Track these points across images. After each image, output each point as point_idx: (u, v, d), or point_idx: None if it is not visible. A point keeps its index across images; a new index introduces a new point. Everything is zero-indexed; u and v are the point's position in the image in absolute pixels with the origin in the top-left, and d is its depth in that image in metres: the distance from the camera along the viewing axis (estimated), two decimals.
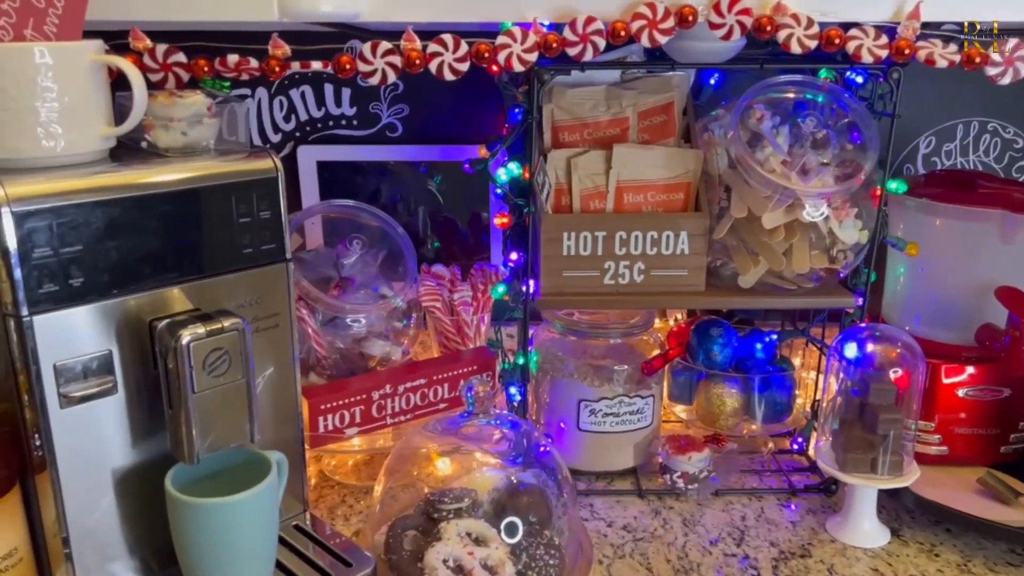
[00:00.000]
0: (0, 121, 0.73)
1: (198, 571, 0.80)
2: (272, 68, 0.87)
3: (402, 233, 1.18)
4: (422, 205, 1.39)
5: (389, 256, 1.23)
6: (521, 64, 0.89)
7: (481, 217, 1.41)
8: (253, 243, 0.87)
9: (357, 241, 1.13)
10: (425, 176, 1.37)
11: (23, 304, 0.72)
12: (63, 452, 0.77)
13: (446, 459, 1.02)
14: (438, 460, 1.02)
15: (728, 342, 1.17)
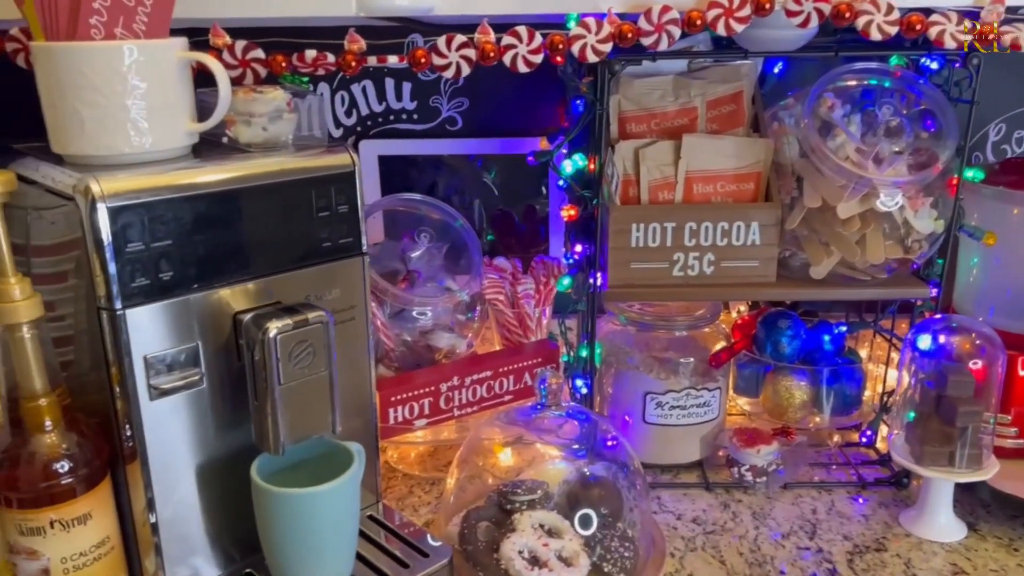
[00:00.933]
0: (92, 118, 0.74)
1: (283, 560, 0.81)
2: (348, 63, 0.88)
3: (466, 227, 1.18)
4: (477, 198, 1.39)
5: (451, 249, 1.23)
6: (595, 55, 0.89)
7: (536, 210, 1.40)
8: (331, 237, 0.87)
9: (425, 234, 1.14)
10: (480, 169, 1.37)
11: (117, 298, 0.74)
12: (152, 443, 0.79)
13: (516, 451, 1.02)
14: (508, 452, 1.02)
15: (796, 334, 1.16)
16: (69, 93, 0.73)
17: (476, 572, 0.91)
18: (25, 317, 0.72)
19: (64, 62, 0.73)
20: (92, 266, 0.73)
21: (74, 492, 0.75)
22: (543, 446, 1.04)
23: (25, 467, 0.74)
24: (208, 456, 0.84)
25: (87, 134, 0.75)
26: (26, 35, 0.87)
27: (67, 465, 0.75)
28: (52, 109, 0.75)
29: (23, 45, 0.88)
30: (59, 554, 0.75)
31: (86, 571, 0.77)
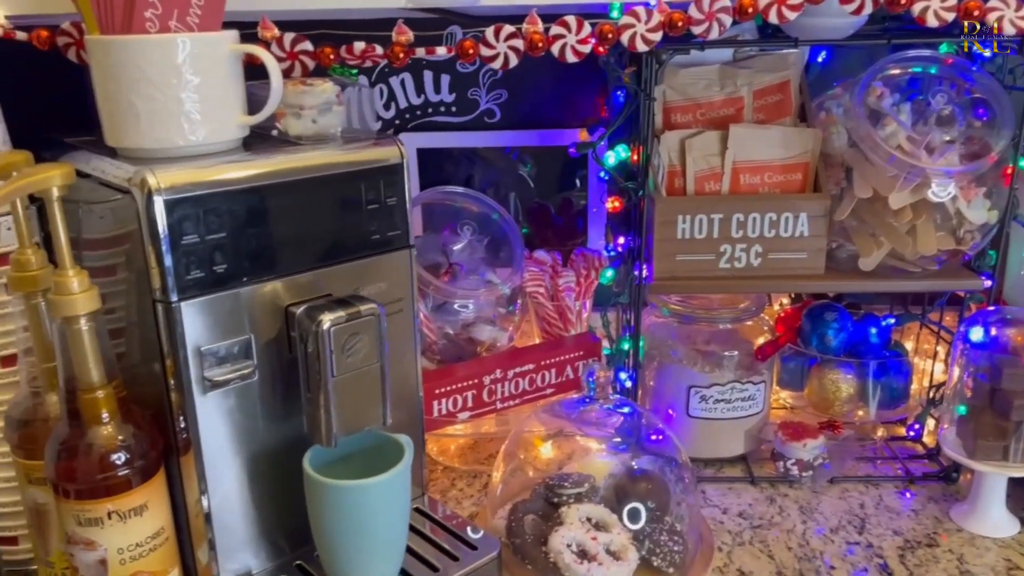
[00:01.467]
0: (147, 111, 0.74)
1: (335, 552, 0.81)
2: (396, 55, 0.87)
3: (508, 220, 1.18)
4: (513, 191, 1.39)
5: (491, 242, 1.23)
6: (645, 44, 0.88)
7: (573, 202, 1.40)
8: (380, 229, 0.87)
9: (468, 227, 1.13)
10: (516, 162, 1.37)
11: (172, 290, 0.74)
12: (205, 435, 0.79)
13: (558, 444, 1.02)
14: (554, 445, 1.02)
15: (843, 327, 1.14)
16: (125, 86, 0.74)
17: (524, 565, 0.91)
18: (83, 309, 0.72)
19: (120, 55, 0.73)
20: (148, 258, 0.74)
21: (130, 483, 0.76)
22: (584, 439, 1.04)
23: (83, 458, 0.74)
24: (258, 448, 0.84)
25: (142, 127, 0.75)
26: (78, 29, 0.87)
27: (124, 456, 0.75)
28: (107, 102, 0.75)
29: (75, 39, 0.88)
30: (116, 545, 0.76)
31: (141, 562, 0.78)
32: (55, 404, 0.82)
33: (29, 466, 0.81)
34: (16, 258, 0.78)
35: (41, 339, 0.80)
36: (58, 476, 0.75)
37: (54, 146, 0.87)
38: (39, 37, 0.86)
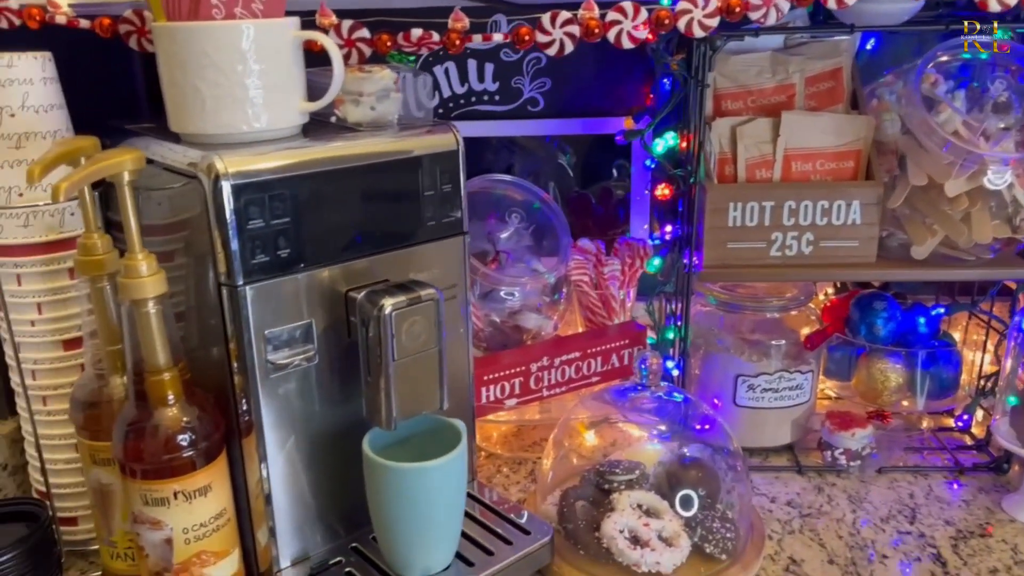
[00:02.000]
0: (212, 97, 0.75)
1: (394, 534, 0.82)
2: (453, 41, 0.88)
3: (555, 208, 1.18)
4: (552, 180, 1.39)
5: (535, 231, 1.23)
6: (702, 30, 0.88)
7: (612, 192, 1.39)
8: (436, 216, 0.88)
9: (516, 215, 1.14)
10: (556, 151, 1.37)
11: (238, 274, 0.75)
12: (268, 417, 0.80)
13: (611, 431, 1.02)
14: (602, 432, 1.02)
15: (892, 316, 1.13)
16: (191, 72, 0.75)
17: (576, 550, 0.91)
18: (151, 293, 0.73)
19: (187, 41, 0.74)
20: (214, 243, 0.74)
21: (194, 465, 0.77)
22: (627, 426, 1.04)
23: (150, 439, 0.75)
24: (315, 432, 0.85)
25: (207, 113, 0.76)
26: (140, 17, 0.89)
27: (189, 438, 0.76)
28: (173, 88, 0.76)
29: (137, 27, 0.89)
30: (181, 524, 0.77)
31: (205, 542, 0.79)
32: (119, 386, 0.83)
33: (94, 447, 0.83)
34: (83, 242, 0.79)
35: (106, 322, 0.81)
36: (126, 456, 0.76)
37: (114, 132, 0.88)
38: (102, 25, 0.87)
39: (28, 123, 0.83)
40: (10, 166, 0.83)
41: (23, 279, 0.87)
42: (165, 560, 0.78)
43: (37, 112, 0.83)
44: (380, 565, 0.86)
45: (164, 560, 0.78)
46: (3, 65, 0.81)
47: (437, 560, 0.84)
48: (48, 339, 0.89)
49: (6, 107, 0.82)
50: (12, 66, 0.81)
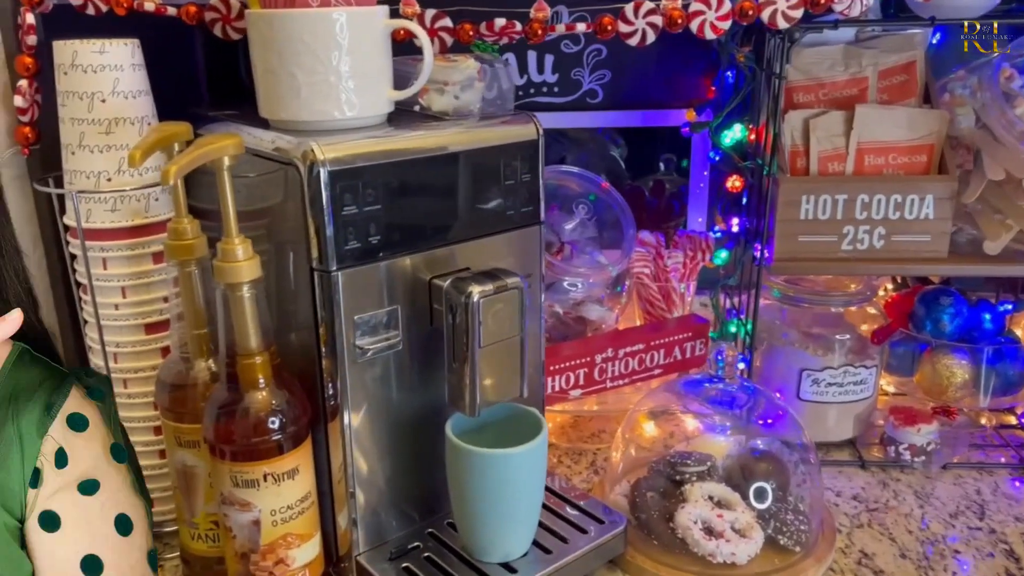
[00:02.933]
0: (307, 84, 0.76)
1: (475, 519, 0.83)
2: (535, 31, 0.88)
3: (620, 201, 1.18)
4: (603, 172, 1.38)
5: (598, 222, 1.23)
6: (786, 21, 0.87)
7: (665, 184, 1.39)
8: (514, 205, 0.88)
9: (582, 206, 1.14)
10: (608, 142, 1.37)
11: (331, 259, 0.76)
12: (352, 402, 0.81)
13: (681, 422, 1.02)
14: (672, 423, 1.02)
15: (958, 312, 1.13)
16: (287, 59, 0.75)
17: (650, 540, 0.92)
18: (247, 277, 0.74)
19: (285, 28, 0.74)
20: (308, 228, 0.75)
21: (283, 448, 0.78)
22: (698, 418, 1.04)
23: (240, 421, 0.76)
24: (395, 418, 0.86)
25: (302, 99, 0.77)
26: (225, 4, 0.89)
27: (279, 421, 0.77)
28: (268, 75, 0.77)
29: (223, 14, 0.90)
30: (269, 506, 0.78)
31: (290, 524, 0.80)
32: (204, 369, 0.84)
33: (179, 428, 0.84)
34: (173, 227, 0.80)
35: (193, 306, 0.82)
36: (217, 437, 0.77)
37: (195, 118, 0.89)
38: (188, 12, 0.88)
39: (118, 109, 0.84)
40: (100, 151, 0.84)
41: (109, 263, 0.88)
42: (252, 541, 0.79)
43: (127, 98, 0.84)
44: (458, 550, 0.87)
45: (251, 541, 0.79)
46: (95, 51, 0.82)
47: (516, 546, 0.85)
48: (131, 323, 0.90)
49: (97, 93, 0.83)
50: (104, 52, 0.82)
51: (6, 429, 0.62)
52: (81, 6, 0.87)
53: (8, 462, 0.61)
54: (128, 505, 0.65)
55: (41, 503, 0.62)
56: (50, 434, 0.62)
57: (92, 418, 0.65)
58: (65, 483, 0.62)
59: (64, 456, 0.63)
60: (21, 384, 0.64)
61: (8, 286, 0.66)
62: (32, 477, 0.62)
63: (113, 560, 0.63)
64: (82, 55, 0.82)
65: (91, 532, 0.63)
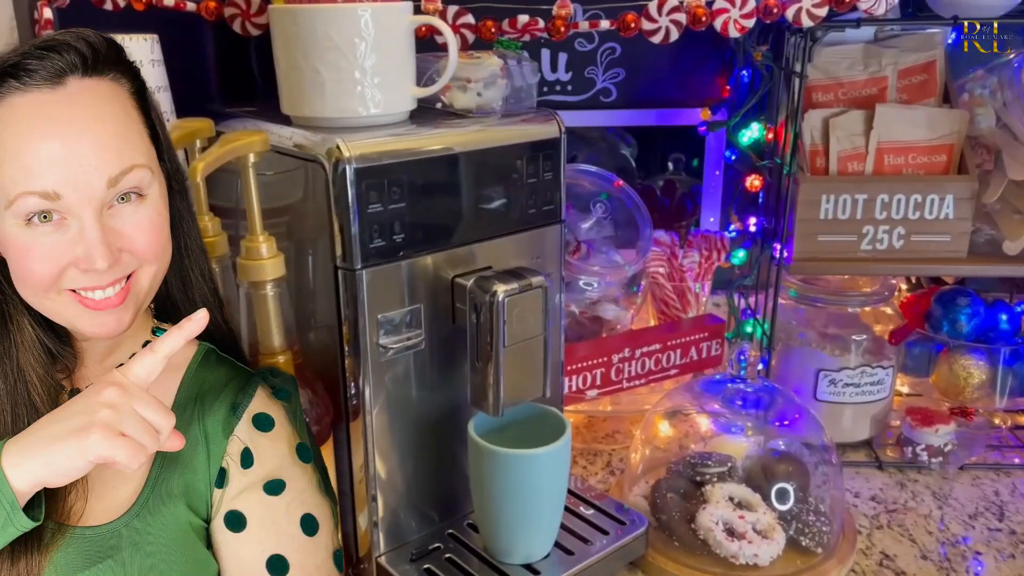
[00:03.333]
0: (332, 80, 0.75)
1: (498, 519, 0.82)
2: (557, 28, 0.88)
3: (637, 200, 1.17)
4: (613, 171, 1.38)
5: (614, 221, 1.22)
6: (811, 19, 0.87)
7: (676, 184, 1.38)
8: (536, 203, 0.88)
9: (600, 205, 1.13)
10: (618, 141, 1.36)
11: (356, 257, 0.75)
12: (376, 402, 0.80)
13: (700, 423, 1.02)
14: (691, 423, 1.02)
15: (975, 312, 1.12)
16: (313, 55, 0.75)
17: (671, 541, 0.91)
18: (271, 275, 0.73)
19: (311, 24, 0.74)
20: (332, 226, 0.75)
21: None
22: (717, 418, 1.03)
23: None
24: (415, 418, 0.85)
25: (326, 96, 0.76)
26: (245, 1, 0.88)
27: None
28: (293, 71, 0.76)
29: (242, 10, 0.89)
30: None
31: None
32: None
33: None
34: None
35: None
36: None
37: (212, 115, 0.88)
38: (207, 8, 0.87)
39: None
40: None
41: None
42: None
43: None
44: (479, 551, 0.86)
45: None
46: None
47: (538, 548, 0.84)
48: None
49: None
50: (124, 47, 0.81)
51: (192, 429, 0.63)
52: (98, 1, 0.86)
53: (194, 462, 0.62)
54: (314, 505, 0.65)
55: (227, 503, 0.62)
56: (236, 434, 0.63)
57: (278, 418, 0.65)
58: (251, 483, 0.63)
59: (250, 456, 0.63)
60: (207, 384, 0.65)
61: (194, 286, 0.66)
62: (218, 477, 0.62)
63: (299, 560, 0.63)
64: None
65: (277, 532, 0.63)
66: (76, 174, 0.54)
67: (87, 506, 0.60)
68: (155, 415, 0.55)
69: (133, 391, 0.55)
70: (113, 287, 0.58)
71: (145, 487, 0.61)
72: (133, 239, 0.57)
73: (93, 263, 0.55)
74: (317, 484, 0.66)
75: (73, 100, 0.56)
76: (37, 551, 0.58)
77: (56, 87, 0.55)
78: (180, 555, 0.61)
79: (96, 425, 0.53)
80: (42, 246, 0.56)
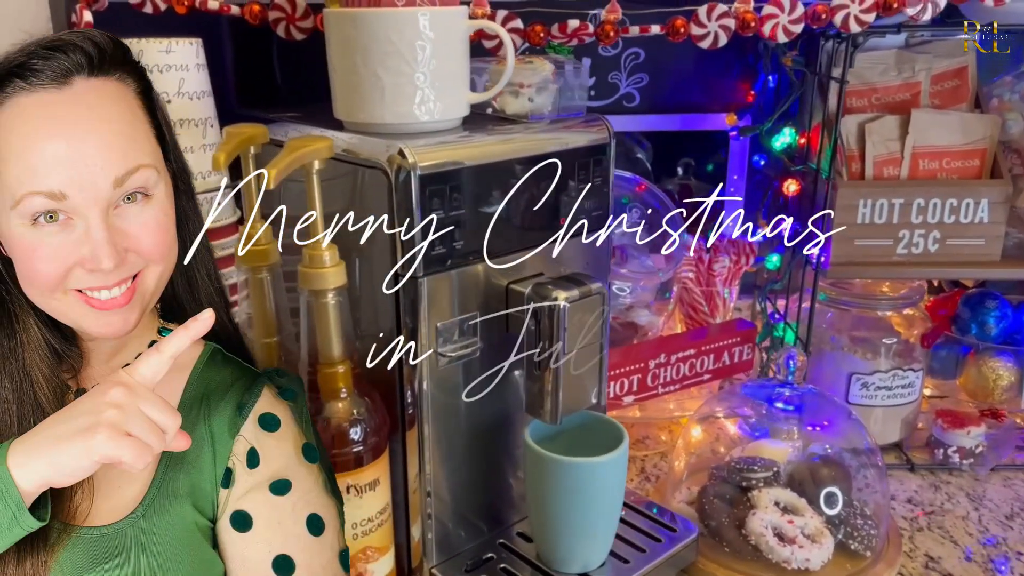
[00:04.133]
0: (392, 85, 0.74)
1: (557, 528, 0.81)
2: (607, 32, 0.87)
3: (671, 206, 1.17)
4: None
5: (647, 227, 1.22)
6: (858, 24, 0.88)
7: (692, 189, 1.39)
8: (587, 209, 0.87)
9: (635, 210, 1.13)
10: (634, 145, 1.36)
11: (419, 265, 0.74)
12: (433, 410, 0.79)
13: (742, 428, 1.02)
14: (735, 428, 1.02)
15: (1004, 314, 1.14)
16: (374, 59, 0.73)
17: (721, 547, 0.91)
18: (332, 283, 0.72)
19: (372, 28, 0.73)
20: (396, 234, 0.73)
21: (362, 459, 0.76)
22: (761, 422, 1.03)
23: (323, 433, 0.74)
24: (467, 427, 0.84)
25: (386, 101, 0.75)
26: (291, 4, 0.87)
27: (360, 432, 0.75)
28: (351, 75, 0.75)
29: (287, 14, 0.88)
30: (351, 519, 0.76)
31: (370, 538, 0.78)
32: None
33: None
34: (248, 232, 0.78)
35: (263, 314, 0.80)
36: None
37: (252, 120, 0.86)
38: (251, 12, 0.86)
39: (184, 110, 0.81)
40: None
41: None
42: None
43: (191, 99, 0.82)
44: (532, 561, 0.85)
45: None
46: (161, 51, 0.79)
47: (595, 556, 0.83)
48: None
49: (163, 93, 0.80)
50: (170, 51, 0.80)
51: (198, 429, 0.62)
52: (139, 4, 0.84)
53: (200, 462, 0.62)
54: (320, 505, 0.64)
55: (233, 503, 0.62)
56: (242, 434, 0.63)
57: (284, 418, 0.65)
58: (257, 483, 0.62)
59: (256, 456, 0.63)
60: (213, 384, 0.65)
61: (200, 286, 0.66)
62: (224, 477, 0.62)
63: (305, 560, 0.62)
64: (148, 54, 0.79)
65: (283, 532, 0.62)
66: (82, 174, 0.55)
67: (93, 506, 0.60)
68: (161, 415, 0.55)
69: (139, 391, 0.55)
70: (119, 287, 0.58)
71: (151, 487, 0.61)
72: (139, 239, 0.58)
73: (99, 263, 0.55)
74: (323, 484, 0.66)
75: (79, 100, 0.56)
76: (43, 551, 0.57)
77: (62, 87, 0.56)
78: (186, 555, 0.60)
79: (102, 425, 0.53)
80: (48, 246, 0.56)
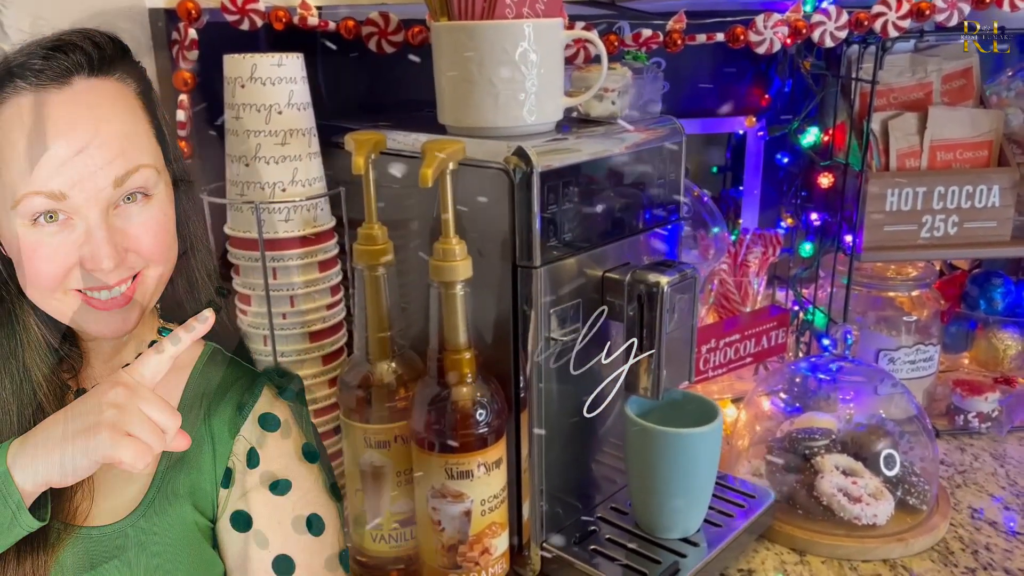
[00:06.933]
0: (505, 91, 0.80)
1: (660, 497, 0.88)
2: (674, 40, 0.95)
3: (708, 202, 1.26)
4: None
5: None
6: (896, 30, 0.98)
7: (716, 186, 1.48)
8: (663, 204, 0.95)
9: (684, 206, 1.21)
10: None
11: (536, 256, 0.80)
12: (544, 394, 0.85)
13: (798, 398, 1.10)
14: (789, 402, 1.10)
15: (1008, 290, 1.25)
16: (488, 67, 0.79)
17: (794, 510, 0.99)
18: (461, 276, 0.77)
19: (487, 38, 0.79)
20: (517, 228, 0.79)
21: (487, 440, 0.81)
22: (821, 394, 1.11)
23: (451, 415, 0.79)
24: (568, 407, 0.90)
25: (499, 106, 0.81)
26: (384, 19, 0.92)
27: (486, 414, 0.80)
28: (464, 83, 0.81)
29: (380, 28, 0.93)
30: (480, 496, 0.81)
31: (495, 514, 0.83)
32: (387, 371, 0.86)
33: (367, 429, 0.85)
34: (365, 232, 0.82)
35: (378, 309, 0.84)
36: (428, 431, 0.80)
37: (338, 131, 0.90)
38: (346, 27, 0.91)
39: (292, 120, 0.85)
40: (276, 162, 0.85)
41: (278, 272, 0.89)
42: (461, 532, 0.82)
43: (299, 110, 0.86)
44: (632, 530, 0.91)
45: (460, 532, 0.82)
46: (273, 64, 0.84)
47: (693, 522, 0.90)
48: (297, 331, 0.91)
49: (275, 104, 0.84)
50: (281, 65, 0.84)
51: (198, 429, 0.62)
52: (236, 21, 0.88)
53: (200, 462, 0.62)
54: (320, 505, 0.65)
55: (233, 503, 0.62)
56: (241, 434, 0.63)
57: (284, 418, 0.65)
58: (257, 483, 0.62)
59: (256, 456, 0.63)
60: (213, 384, 0.64)
61: (200, 287, 0.66)
62: (224, 477, 0.62)
63: (304, 560, 0.63)
64: (261, 68, 0.83)
65: (283, 532, 0.62)
66: (82, 174, 0.55)
67: (93, 506, 0.60)
68: (161, 415, 0.55)
69: (139, 391, 0.54)
70: (119, 287, 0.58)
71: (151, 487, 0.61)
72: (139, 239, 0.58)
73: (99, 263, 0.56)
74: (323, 484, 0.66)
75: (79, 100, 0.56)
76: (43, 551, 0.58)
77: (62, 87, 0.56)
78: (186, 555, 0.61)
79: (102, 425, 0.53)
80: (48, 246, 0.56)
